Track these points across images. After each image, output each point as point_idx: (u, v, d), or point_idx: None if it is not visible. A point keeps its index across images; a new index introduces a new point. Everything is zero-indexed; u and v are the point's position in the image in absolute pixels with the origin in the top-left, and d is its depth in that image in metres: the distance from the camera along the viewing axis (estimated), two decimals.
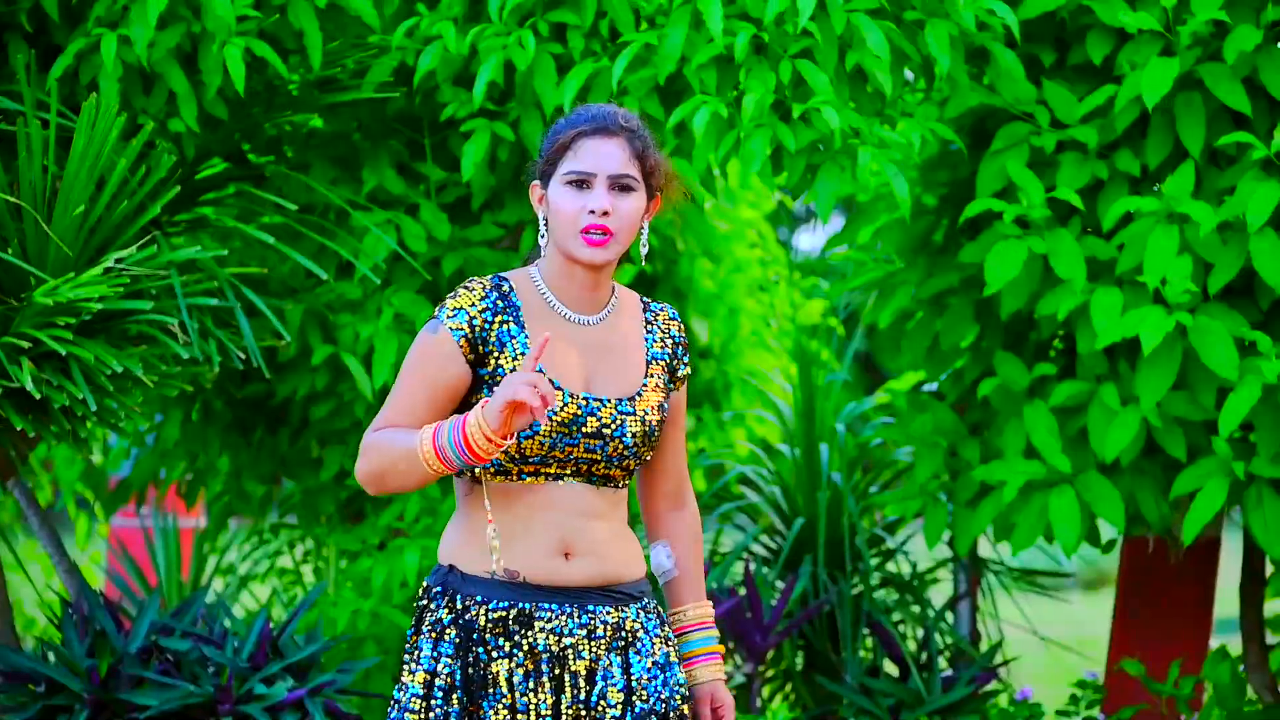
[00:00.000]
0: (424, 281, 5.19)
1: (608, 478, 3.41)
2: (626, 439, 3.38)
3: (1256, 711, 5.23)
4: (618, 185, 3.36)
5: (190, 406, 5.64)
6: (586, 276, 3.41)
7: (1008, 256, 4.77)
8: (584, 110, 3.43)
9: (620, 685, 3.38)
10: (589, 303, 3.43)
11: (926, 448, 5.24)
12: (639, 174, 3.38)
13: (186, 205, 5.13)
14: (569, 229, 3.35)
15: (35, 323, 4.45)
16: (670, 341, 3.50)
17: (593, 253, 3.35)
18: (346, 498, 5.47)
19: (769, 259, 7.32)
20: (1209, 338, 4.62)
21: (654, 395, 3.44)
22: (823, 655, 5.84)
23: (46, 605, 5.38)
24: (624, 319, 3.47)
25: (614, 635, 3.40)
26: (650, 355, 3.46)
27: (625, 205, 3.36)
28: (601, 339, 3.43)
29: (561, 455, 3.36)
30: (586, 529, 3.39)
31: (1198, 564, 5.60)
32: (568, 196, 3.36)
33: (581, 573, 3.38)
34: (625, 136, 3.38)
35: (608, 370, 3.42)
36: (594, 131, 3.38)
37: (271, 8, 4.87)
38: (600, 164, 3.36)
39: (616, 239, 3.36)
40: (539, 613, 3.36)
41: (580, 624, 3.37)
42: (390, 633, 5.22)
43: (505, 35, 4.81)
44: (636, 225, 3.39)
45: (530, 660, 3.36)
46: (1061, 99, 4.93)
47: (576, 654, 3.37)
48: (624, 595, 3.42)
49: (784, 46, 4.68)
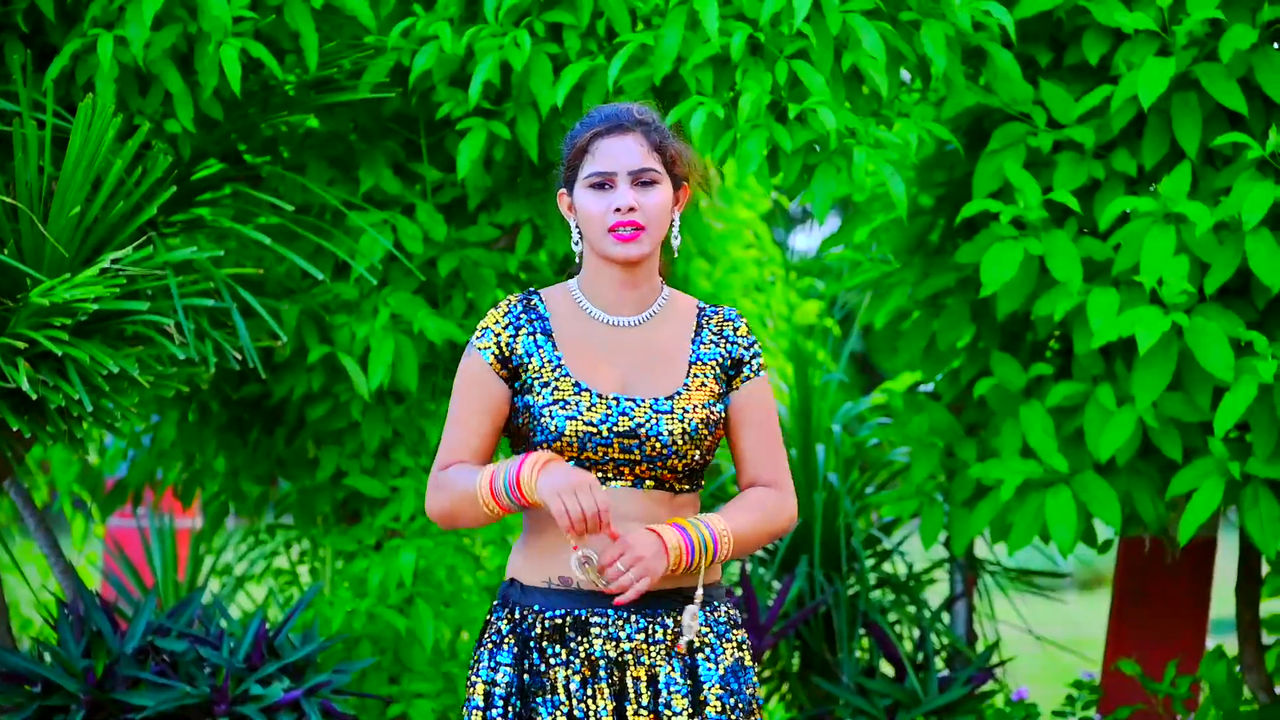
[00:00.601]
0: (420, 282, 5.19)
1: (659, 481, 3.37)
2: (663, 437, 3.35)
3: (1253, 711, 5.23)
4: (640, 180, 3.36)
5: (186, 407, 5.64)
6: (621, 276, 3.40)
7: (1004, 257, 4.77)
8: (598, 111, 3.44)
9: (684, 691, 3.34)
10: (626, 304, 3.42)
11: (923, 448, 5.24)
12: (660, 166, 3.38)
13: (182, 206, 5.13)
14: (598, 230, 3.36)
15: (31, 323, 4.44)
16: (725, 342, 3.45)
17: (625, 249, 3.35)
18: (343, 498, 5.47)
19: (765, 259, 7.33)
20: (1205, 338, 4.62)
21: (698, 395, 3.39)
22: (819, 656, 5.84)
23: (43, 606, 5.38)
24: (670, 322, 3.44)
25: (673, 637, 3.37)
26: (695, 357, 3.42)
27: (650, 198, 3.36)
28: (641, 341, 3.41)
29: (596, 457, 3.34)
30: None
31: (1194, 564, 5.61)
32: (592, 199, 3.37)
33: None
34: (641, 131, 3.38)
35: (646, 372, 3.39)
36: (609, 130, 3.38)
37: (267, 8, 4.87)
38: (619, 161, 3.36)
39: (648, 233, 3.36)
40: (595, 619, 3.35)
41: (638, 629, 3.35)
42: (386, 633, 5.22)
43: (501, 35, 4.81)
44: (666, 217, 3.39)
45: (588, 667, 3.35)
46: (1058, 99, 4.93)
47: (636, 659, 3.35)
48: (685, 598, 3.38)
49: (780, 47, 4.68)
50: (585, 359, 3.39)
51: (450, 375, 5.37)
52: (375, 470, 5.33)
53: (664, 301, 3.45)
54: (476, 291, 5.19)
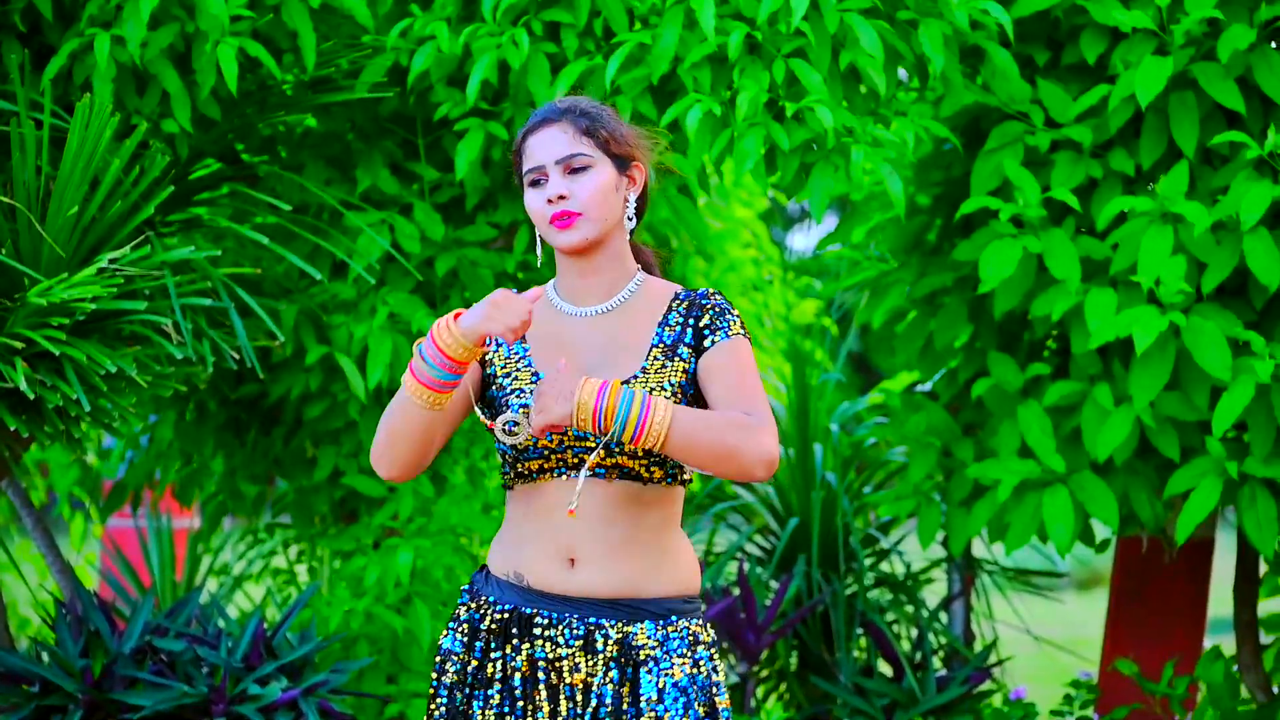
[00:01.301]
0: (417, 282, 5.19)
1: (623, 470, 3.32)
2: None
3: (1250, 711, 5.23)
4: (570, 168, 3.35)
5: (184, 407, 5.64)
6: (579, 265, 3.39)
7: (1002, 255, 4.77)
8: (533, 113, 3.45)
9: (610, 706, 3.30)
10: (591, 292, 3.41)
11: (920, 448, 5.24)
12: (593, 149, 3.36)
13: (180, 205, 5.13)
14: (542, 225, 3.37)
15: (29, 323, 4.44)
16: (690, 320, 3.38)
17: (565, 236, 3.35)
18: (340, 497, 5.47)
19: (762, 258, 7.33)
20: (1202, 338, 4.62)
21: (656, 377, 3.32)
22: (817, 655, 5.84)
23: (40, 605, 5.38)
24: (638, 309, 3.41)
25: (618, 650, 3.32)
26: (657, 340, 3.37)
27: (582, 184, 3.35)
28: (606, 330, 3.39)
29: (553, 445, 3.32)
30: (596, 535, 3.32)
31: (1191, 563, 5.61)
32: (531, 196, 3.38)
33: (584, 583, 3.33)
34: (567, 119, 3.37)
35: (609, 361, 3.37)
36: (536, 127, 3.39)
37: (265, 8, 4.87)
38: (546, 153, 3.36)
39: (586, 217, 3.34)
40: (538, 618, 3.34)
41: (577, 635, 3.32)
42: (383, 632, 5.22)
43: (499, 35, 4.81)
44: (606, 199, 3.36)
45: (527, 665, 3.34)
46: (1056, 98, 4.93)
47: (572, 666, 3.32)
48: (636, 610, 3.33)
49: (777, 46, 4.68)
50: (549, 351, 3.38)
51: None
52: (373, 469, 5.33)
53: (635, 288, 3.42)
54: (474, 291, 5.19)
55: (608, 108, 3.43)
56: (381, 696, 5.10)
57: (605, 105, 3.44)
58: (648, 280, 3.45)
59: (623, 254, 3.42)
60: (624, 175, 3.40)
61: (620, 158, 3.39)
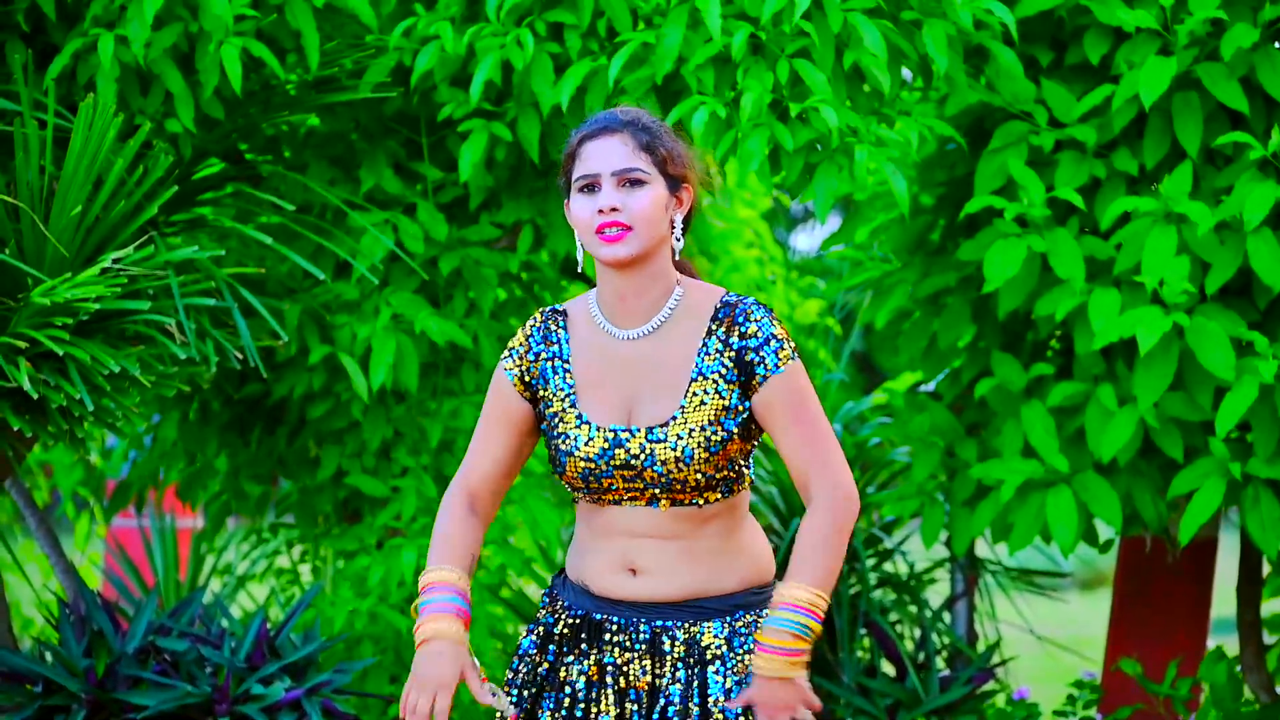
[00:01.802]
0: (421, 281, 5.19)
1: (674, 500, 3.33)
2: (658, 467, 3.29)
3: (1253, 711, 5.23)
4: (626, 180, 3.31)
5: (187, 406, 5.64)
6: (621, 283, 3.34)
7: (1007, 254, 4.77)
8: (590, 118, 3.41)
9: (679, 706, 3.30)
10: (633, 313, 3.36)
11: (924, 447, 5.24)
12: (650, 165, 3.32)
13: (184, 205, 5.13)
14: (588, 234, 3.31)
15: (32, 323, 4.44)
16: (729, 350, 3.32)
17: (613, 250, 3.29)
18: (344, 497, 5.47)
19: (766, 258, 7.32)
20: (1206, 338, 4.62)
21: (695, 416, 3.29)
22: (820, 655, 5.83)
23: (44, 605, 5.38)
24: (679, 328, 3.35)
25: (686, 652, 3.33)
26: (698, 372, 3.32)
27: (636, 199, 3.30)
28: (651, 353, 3.35)
29: (602, 485, 3.33)
30: (653, 549, 3.33)
31: (1195, 564, 5.60)
32: (581, 203, 3.33)
33: (647, 588, 3.34)
34: (628, 131, 3.33)
35: (650, 390, 3.34)
36: (596, 134, 3.34)
37: (269, 7, 4.87)
38: (604, 162, 3.31)
39: (636, 233, 3.29)
40: (608, 624, 3.36)
41: (644, 639, 3.34)
42: (387, 632, 5.22)
43: (502, 35, 4.81)
44: (657, 218, 3.31)
45: (596, 670, 3.36)
46: (1060, 98, 4.93)
47: (640, 670, 3.34)
48: (702, 609, 3.34)
49: (781, 46, 4.68)
50: (595, 384, 3.35)
51: (451, 374, 5.38)
52: (376, 469, 5.33)
53: (675, 303, 3.36)
54: (478, 291, 5.19)
55: (666, 125, 3.40)
56: (385, 696, 5.10)
57: (663, 122, 3.41)
58: (688, 291, 3.38)
59: (665, 271, 3.37)
60: (674, 195, 3.36)
61: (674, 178, 3.36)
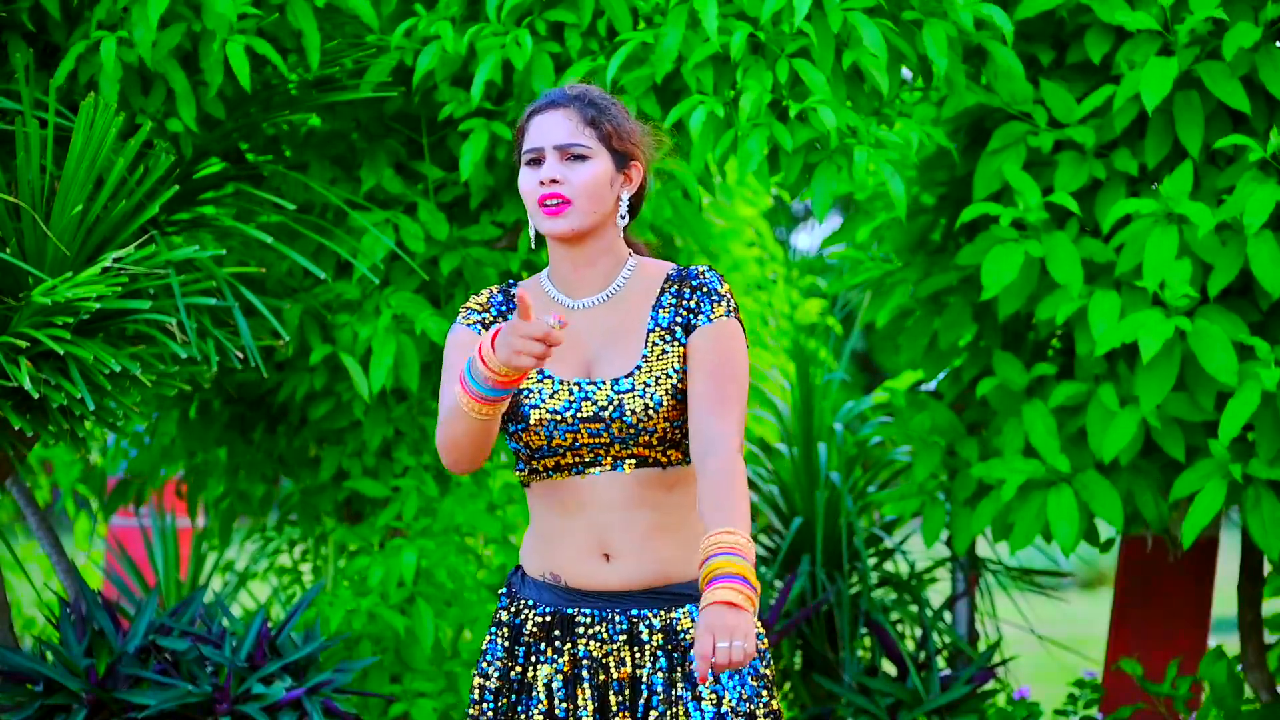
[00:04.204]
0: (422, 281, 5.19)
1: (640, 459, 3.33)
2: (627, 417, 3.30)
3: (1254, 711, 5.23)
4: (569, 154, 3.33)
5: (188, 405, 5.64)
6: (572, 254, 3.38)
7: (1004, 260, 4.76)
8: (543, 93, 3.44)
9: (663, 695, 3.30)
10: (587, 283, 3.39)
11: (925, 447, 5.24)
12: (594, 140, 3.34)
13: (184, 205, 5.13)
14: (532, 206, 3.35)
15: (33, 322, 4.44)
16: (682, 301, 3.37)
17: (552, 223, 3.32)
18: (345, 497, 5.47)
19: (766, 257, 7.32)
20: (1208, 343, 4.61)
21: (659, 365, 3.33)
22: (821, 654, 5.84)
23: (45, 605, 5.38)
24: (633, 295, 3.39)
25: (663, 638, 3.33)
26: (654, 324, 3.36)
27: (578, 172, 3.32)
28: (605, 320, 3.38)
29: (566, 443, 3.32)
30: (626, 524, 3.32)
31: (1196, 563, 5.60)
32: (525, 175, 3.36)
33: (621, 576, 3.34)
34: (574, 106, 3.35)
35: (610, 352, 3.36)
36: (543, 108, 3.37)
37: (270, 7, 4.87)
38: (547, 136, 3.34)
39: (576, 207, 3.32)
40: (580, 617, 3.34)
41: (621, 630, 3.33)
42: (386, 632, 5.22)
43: (503, 35, 4.81)
44: (600, 192, 3.33)
45: (570, 666, 3.34)
46: (1059, 99, 4.92)
47: (618, 662, 3.33)
48: (675, 596, 3.35)
49: (781, 46, 4.68)
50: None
51: None
52: (377, 469, 5.33)
53: (629, 273, 3.40)
54: (479, 290, 5.19)
55: (617, 102, 3.41)
56: (386, 696, 5.10)
57: (615, 99, 3.42)
58: (641, 263, 3.42)
59: (614, 245, 3.40)
60: (621, 172, 3.38)
61: (620, 153, 3.38)
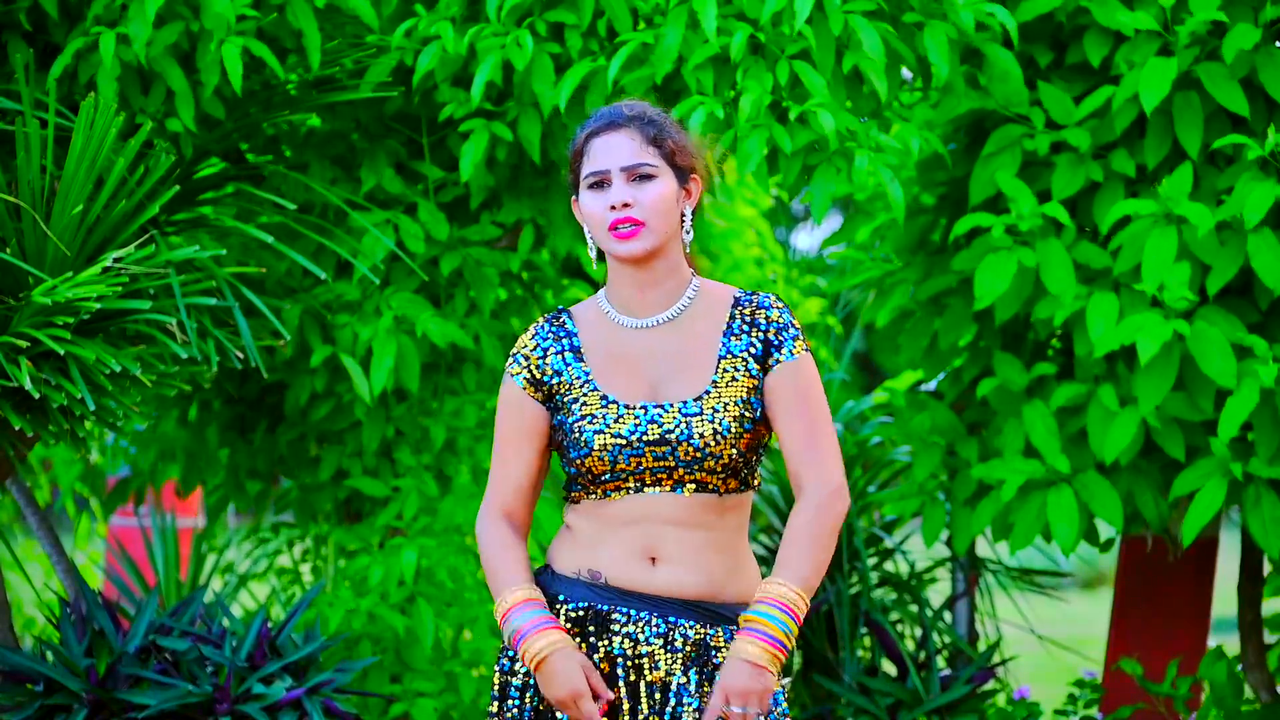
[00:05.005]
0: (422, 281, 5.19)
1: (700, 484, 3.33)
2: (694, 440, 3.30)
3: (1254, 711, 5.23)
4: (635, 175, 3.33)
5: (188, 405, 5.64)
6: (637, 275, 3.36)
7: (997, 269, 4.76)
8: (595, 113, 3.42)
9: (696, 703, 3.30)
10: (650, 304, 3.38)
11: (925, 447, 5.24)
12: (658, 159, 3.34)
13: (185, 205, 5.13)
14: (600, 231, 3.33)
15: (33, 322, 4.45)
16: (756, 330, 3.37)
17: (627, 246, 3.32)
18: (345, 497, 5.47)
19: (766, 257, 7.32)
20: (1207, 345, 4.61)
21: (729, 392, 3.33)
22: (821, 654, 5.84)
23: (45, 605, 5.38)
24: (700, 317, 3.39)
25: (696, 652, 3.33)
26: (725, 351, 3.36)
27: (646, 193, 3.32)
28: (669, 341, 3.37)
29: (629, 467, 3.31)
30: (678, 536, 3.33)
31: (1196, 563, 5.61)
32: (591, 200, 3.34)
33: (667, 581, 3.33)
34: (635, 125, 3.35)
35: (675, 373, 3.35)
36: (602, 129, 3.36)
37: (270, 7, 4.87)
38: (612, 158, 3.33)
39: (648, 227, 3.32)
40: (616, 615, 3.33)
41: (658, 633, 3.32)
42: (386, 632, 5.22)
43: (503, 35, 4.81)
44: (668, 210, 3.34)
45: (605, 663, 3.34)
46: (1057, 101, 4.92)
47: (653, 664, 3.32)
48: (713, 614, 3.35)
49: (781, 47, 4.68)
50: (613, 370, 3.36)
51: (453, 374, 5.38)
52: (377, 469, 5.33)
53: (693, 295, 3.41)
54: (479, 290, 5.19)
55: (670, 116, 3.41)
56: (386, 696, 5.10)
57: (667, 112, 3.41)
58: (704, 284, 3.43)
59: (679, 265, 3.41)
60: (683, 188, 3.38)
61: (681, 169, 3.37)
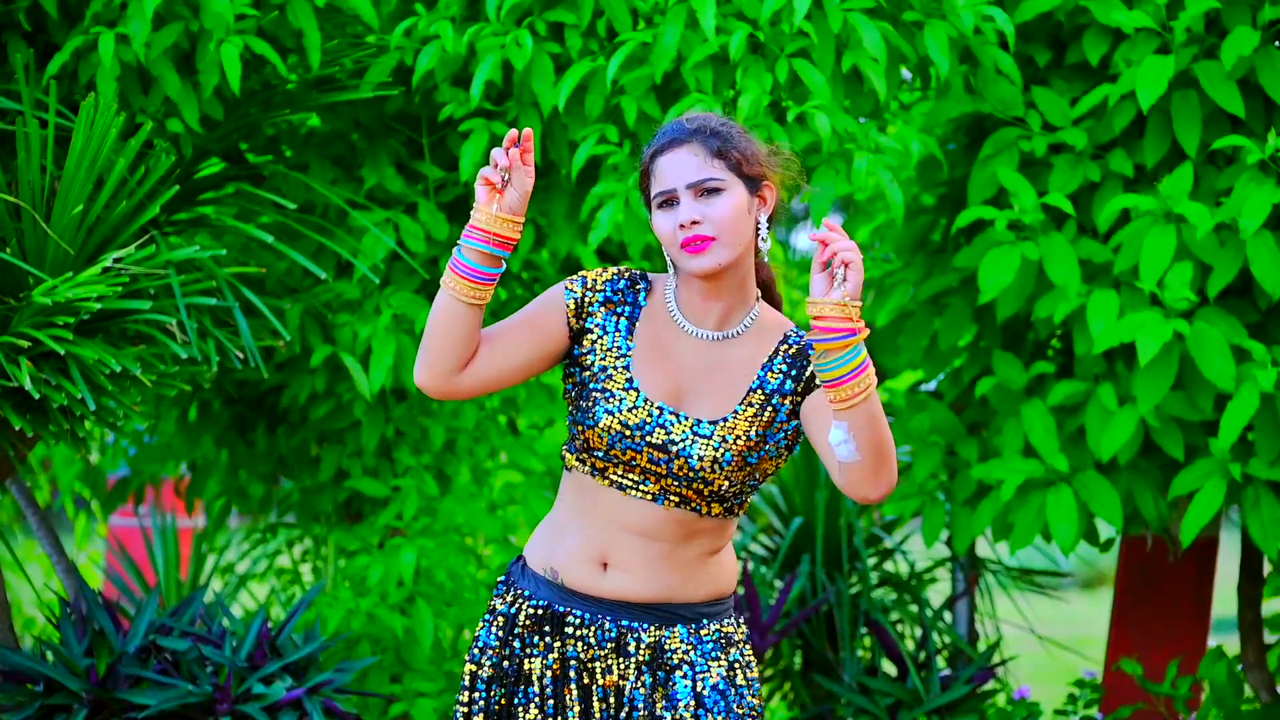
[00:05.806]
0: (422, 281, 5.19)
1: (683, 499, 3.31)
2: (692, 460, 3.28)
3: (1254, 710, 5.23)
4: (702, 190, 3.28)
5: (188, 405, 5.64)
6: (705, 287, 3.33)
7: (1001, 263, 4.76)
8: (659, 130, 3.38)
9: (644, 713, 3.30)
10: (710, 316, 3.35)
11: (924, 447, 5.24)
12: (724, 171, 3.29)
13: (185, 205, 5.13)
14: (673, 249, 3.30)
15: (34, 322, 4.45)
16: (797, 371, 3.33)
17: (699, 261, 3.27)
18: (345, 498, 5.47)
19: None
20: (1206, 346, 4.61)
21: (744, 425, 3.30)
22: (821, 654, 5.84)
23: (45, 605, 5.38)
24: (749, 344, 3.36)
25: (651, 655, 3.33)
26: (758, 383, 3.33)
27: (715, 207, 3.28)
28: (713, 357, 3.35)
29: (623, 457, 3.30)
30: (634, 546, 3.32)
31: (1195, 563, 5.61)
32: (662, 219, 3.31)
33: (616, 586, 3.33)
34: (697, 140, 3.30)
35: (707, 390, 3.33)
36: (665, 147, 3.32)
37: (270, 6, 4.87)
38: (677, 177, 3.29)
39: (720, 241, 3.27)
40: (571, 617, 3.34)
41: (609, 637, 3.33)
42: (386, 632, 5.22)
43: (503, 35, 4.82)
44: (740, 222, 3.29)
45: (559, 664, 3.34)
46: (1051, 103, 4.92)
47: (604, 669, 3.33)
48: (669, 614, 3.35)
49: (780, 46, 4.68)
50: (650, 360, 3.34)
51: None
52: (377, 469, 5.33)
53: (751, 321, 3.37)
54: None
55: (736, 125, 3.36)
56: (386, 696, 5.10)
57: (731, 120, 3.37)
58: (763, 313, 3.39)
59: (748, 279, 3.36)
60: (755, 196, 3.33)
61: (752, 178, 3.32)
